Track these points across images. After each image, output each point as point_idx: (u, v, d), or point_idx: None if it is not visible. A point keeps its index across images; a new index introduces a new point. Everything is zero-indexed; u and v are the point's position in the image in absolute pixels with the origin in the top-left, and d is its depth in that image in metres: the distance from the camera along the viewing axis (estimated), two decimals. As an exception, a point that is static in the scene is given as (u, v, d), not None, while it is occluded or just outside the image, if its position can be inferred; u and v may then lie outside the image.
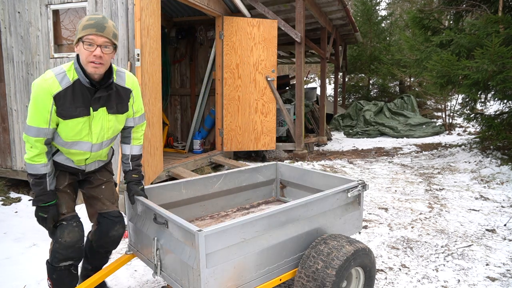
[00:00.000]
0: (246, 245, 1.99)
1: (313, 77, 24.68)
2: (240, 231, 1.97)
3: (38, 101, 2.00)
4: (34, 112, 2.02)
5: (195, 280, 1.86)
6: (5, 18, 4.79)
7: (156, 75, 4.50)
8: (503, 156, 6.24)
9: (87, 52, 2.01)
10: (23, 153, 4.97)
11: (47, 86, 2.00)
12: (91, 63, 2.02)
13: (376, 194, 4.97)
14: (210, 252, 1.85)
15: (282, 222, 2.17)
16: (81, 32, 2.01)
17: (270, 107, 6.66)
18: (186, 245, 1.93)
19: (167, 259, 2.09)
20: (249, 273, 2.02)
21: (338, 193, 2.49)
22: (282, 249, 2.16)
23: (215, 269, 1.87)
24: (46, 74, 2.05)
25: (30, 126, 2.03)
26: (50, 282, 2.25)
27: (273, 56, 6.57)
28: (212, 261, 1.86)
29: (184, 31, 7.46)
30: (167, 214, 2.04)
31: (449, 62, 6.16)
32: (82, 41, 2.00)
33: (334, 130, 11.67)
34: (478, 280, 2.79)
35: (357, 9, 15.93)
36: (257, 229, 2.05)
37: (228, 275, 1.92)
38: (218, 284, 1.89)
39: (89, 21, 2.01)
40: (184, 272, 1.94)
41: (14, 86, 4.88)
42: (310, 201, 2.29)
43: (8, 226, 3.92)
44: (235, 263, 1.95)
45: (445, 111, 11.20)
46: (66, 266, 2.20)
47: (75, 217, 2.24)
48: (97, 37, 2.00)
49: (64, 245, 2.15)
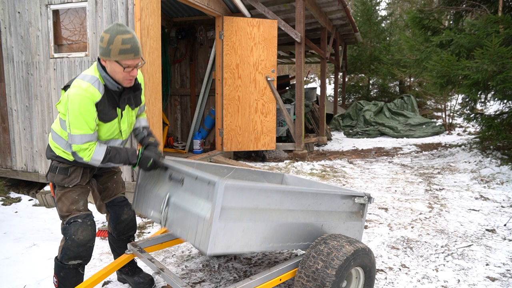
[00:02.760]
0: (257, 213, 2.02)
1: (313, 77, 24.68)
2: (256, 197, 2.00)
3: (83, 111, 2.07)
4: (83, 122, 2.08)
5: (204, 232, 1.86)
6: (5, 18, 4.79)
7: (156, 75, 4.50)
8: (503, 156, 6.24)
9: (124, 74, 2.13)
10: (23, 153, 4.97)
11: (89, 95, 2.08)
12: (127, 80, 2.17)
13: (376, 194, 4.97)
14: (225, 206, 1.86)
15: (293, 205, 2.20)
16: (117, 56, 2.07)
17: (270, 107, 6.66)
18: (200, 199, 1.96)
19: (175, 214, 2.11)
20: (254, 242, 2.03)
21: (345, 197, 2.54)
22: (288, 231, 2.19)
23: (226, 224, 1.87)
24: (82, 83, 2.10)
25: (81, 135, 2.09)
26: (56, 279, 2.28)
27: (273, 56, 6.57)
28: (225, 216, 1.87)
29: (184, 31, 7.46)
30: (186, 168, 2.10)
31: (449, 62, 6.16)
32: (118, 63, 2.09)
33: (334, 130, 11.67)
34: (478, 280, 2.79)
35: (357, 9, 15.93)
36: (270, 201, 2.08)
37: (236, 236, 1.93)
38: (225, 241, 1.89)
39: (125, 45, 2.06)
40: (192, 225, 1.95)
41: (14, 86, 4.88)
42: (320, 192, 2.34)
43: (8, 226, 3.92)
44: (245, 226, 1.96)
45: (445, 111, 11.20)
46: (75, 265, 2.25)
47: (89, 216, 2.31)
48: (134, 60, 2.12)
49: (77, 243, 2.20)
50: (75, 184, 2.29)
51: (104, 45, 2.08)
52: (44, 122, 4.76)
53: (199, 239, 1.89)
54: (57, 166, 2.29)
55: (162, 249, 3.16)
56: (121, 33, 2.07)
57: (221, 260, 3.13)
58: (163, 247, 2.65)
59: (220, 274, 2.90)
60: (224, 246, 1.89)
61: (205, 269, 2.98)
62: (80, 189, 2.32)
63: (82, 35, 4.49)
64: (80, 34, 4.51)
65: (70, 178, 2.28)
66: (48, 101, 4.70)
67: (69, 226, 2.23)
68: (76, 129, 2.08)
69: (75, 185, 2.29)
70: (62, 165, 2.28)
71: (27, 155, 4.96)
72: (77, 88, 2.08)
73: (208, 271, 2.95)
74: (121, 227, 2.56)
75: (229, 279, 2.83)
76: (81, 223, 2.23)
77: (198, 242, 1.90)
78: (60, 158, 2.28)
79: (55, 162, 2.31)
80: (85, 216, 2.28)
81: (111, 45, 2.06)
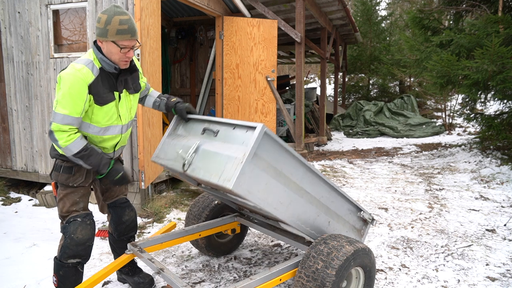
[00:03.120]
0: (280, 177, 2.10)
1: (313, 77, 24.67)
2: (283, 160, 2.10)
3: (73, 91, 2.05)
4: (70, 102, 2.06)
5: (232, 169, 1.91)
6: (5, 18, 4.79)
7: (156, 75, 4.50)
8: (503, 156, 6.24)
9: (120, 55, 2.14)
10: (23, 153, 4.97)
11: (82, 76, 2.07)
12: (123, 61, 2.18)
13: (376, 194, 4.97)
14: (258, 153, 1.95)
15: (310, 188, 2.28)
16: (114, 36, 2.08)
17: (270, 107, 6.66)
18: (234, 145, 2.04)
19: (201, 159, 2.16)
20: (271, 201, 2.08)
21: (352, 206, 2.60)
22: (300, 209, 2.25)
23: (253, 169, 1.95)
24: (76, 65, 2.10)
25: (64, 115, 2.06)
26: (55, 278, 2.28)
27: (273, 56, 6.57)
28: (255, 161, 1.95)
29: (184, 31, 7.46)
30: (226, 120, 2.22)
31: (449, 62, 6.16)
32: (114, 43, 2.10)
33: (334, 130, 11.67)
34: (478, 280, 2.79)
35: (357, 9, 15.92)
36: (293, 172, 2.16)
37: (258, 186, 1.99)
38: (248, 185, 1.94)
39: (122, 25, 2.08)
40: (220, 166, 2.00)
41: (14, 86, 4.88)
42: (334, 188, 2.43)
43: (8, 226, 3.92)
44: (268, 181, 2.03)
45: (445, 111, 11.20)
46: (74, 263, 2.25)
47: (89, 215, 2.33)
48: (131, 41, 2.13)
49: (76, 242, 2.21)
50: (79, 183, 2.29)
51: (101, 25, 2.08)
52: (44, 122, 4.76)
53: (225, 177, 1.93)
54: (61, 165, 2.27)
55: (162, 249, 3.16)
56: (119, 14, 2.08)
57: (221, 260, 3.13)
58: (163, 247, 2.65)
59: (220, 274, 2.90)
60: (246, 189, 1.94)
61: (205, 269, 2.98)
62: (82, 190, 2.32)
63: (82, 35, 4.49)
64: (80, 34, 4.51)
65: (74, 177, 2.28)
66: (48, 101, 4.70)
67: (68, 225, 2.23)
68: (62, 107, 2.05)
69: (79, 184, 2.29)
70: (66, 163, 2.27)
71: (27, 155, 4.96)
72: (71, 68, 2.08)
73: (208, 271, 2.95)
74: (122, 228, 2.57)
75: (229, 279, 2.83)
76: (80, 222, 2.23)
77: (222, 180, 1.93)
78: (64, 156, 2.27)
79: (59, 161, 2.29)
80: (85, 216, 2.28)
81: (109, 26, 2.06)
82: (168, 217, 4.17)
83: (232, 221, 2.99)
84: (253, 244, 3.46)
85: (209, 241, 3.03)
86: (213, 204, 3.02)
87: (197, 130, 2.37)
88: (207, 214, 2.97)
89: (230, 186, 1.87)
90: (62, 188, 2.29)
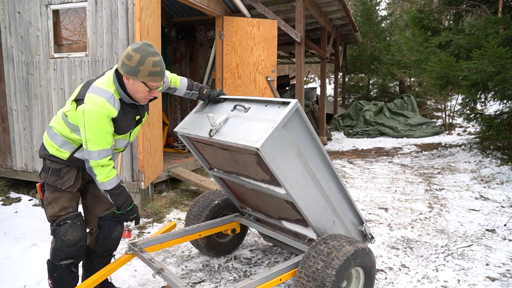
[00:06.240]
0: (301, 156, 2.19)
1: (313, 77, 24.66)
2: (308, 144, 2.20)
3: (101, 128, 2.07)
4: (101, 138, 2.08)
5: (263, 132, 2.01)
6: (5, 18, 4.78)
7: (156, 75, 4.50)
8: (503, 156, 6.24)
9: (146, 94, 2.14)
10: (23, 153, 4.97)
11: (106, 112, 2.07)
12: (146, 99, 2.19)
13: (376, 194, 4.97)
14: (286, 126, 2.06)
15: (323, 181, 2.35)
16: (145, 77, 2.07)
17: (270, 107, 6.64)
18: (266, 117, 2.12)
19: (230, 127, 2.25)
20: (289, 176, 2.15)
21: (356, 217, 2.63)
22: (312, 197, 2.31)
23: (279, 139, 2.04)
24: (97, 99, 2.06)
25: (99, 151, 2.09)
26: (50, 281, 2.26)
27: (273, 56, 6.56)
28: (283, 131, 2.05)
29: (184, 31, 7.46)
30: (258, 98, 2.31)
31: (448, 63, 6.16)
32: (144, 83, 2.09)
33: (334, 130, 11.67)
34: (478, 280, 2.79)
35: (357, 9, 15.92)
36: (311, 158, 2.25)
37: (281, 156, 2.08)
38: (274, 150, 2.03)
39: (155, 67, 2.06)
40: (249, 132, 2.10)
41: (14, 86, 4.88)
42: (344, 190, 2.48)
43: (8, 226, 3.92)
44: (289, 154, 2.13)
45: (445, 111, 11.20)
46: (67, 264, 2.23)
47: (79, 216, 2.29)
48: (160, 83, 2.15)
49: (67, 243, 2.18)
50: (68, 186, 2.24)
51: (133, 64, 2.03)
52: (44, 122, 4.76)
53: (254, 138, 2.02)
54: (50, 167, 2.23)
55: (162, 249, 3.16)
56: (152, 55, 2.05)
57: (221, 260, 3.13)
58: (163, 247, 2.65)
59: (220, 274, 2.90)
60: (271, 154, 2.02)
61: (205, 269, 2.98)
62: (70, 195, 2.27)
63: (82, 35, 4.49)
64: (80, 34, 4.51)
65: (63, 180, 2.23)
66: (48, 101, 4.70)
67: (59, 227, 2.20)
68: (94, 145, 2.06)
69: (67, 188, 2.24)
70: (55, 165, 2.23)
71: (27, 155, 4.96)
72: (93, 104, 2.04)
73: (208, 271, 2.95)
74: (109, 244, 2.46)
75: (229, 279, 2.83)
76: (70, 224, 2.20)
77: (250, 142, 2.02)
78: (53, 157, 2.23)
79: (48, 162, 2.25)
80: (74, 217, 2.25)
81: (141, 66, 2.03)
82: (168, 217, 4.17)
83: (232, 221, 2.99)
84: (253, 244, 3.46)
85: (209, 241, 3.03)
86: (213, 204, 3.02)
87: (227, 108, 2.45)
88: (207, 214, 2.97)
89: (258, 145, 1.95)
90: (50, 191, 2.25)
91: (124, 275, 2.88)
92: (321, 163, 2.31)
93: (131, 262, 2.96)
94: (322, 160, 2.31)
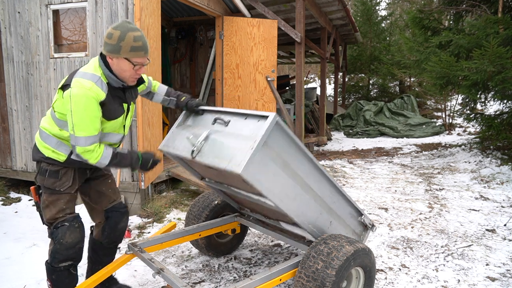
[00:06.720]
0: (287, 169, 2.13)
1: (313, 77, 24.66)
2: (292, 153, 2.12)
3: (89, 112, 2.02)
4: (88, 123, 2.03)
5: (243, 155, 1.93)
6: (5, 18, 4.79)
7: (156, 75, 4.50)
8: (503, 156, 6.24)
9: (132, 72, 2.11)
10: (23, 153, 4.97)
11: (94, 94, 2.03)
12: (133, 78, 2.17)
13: (376, 194, 4.97)
14: (267, 142, 1.98)
15: (315, 185, 2.30)
16: (128, 53, 2.05)
17: (270, 107, 6.65)
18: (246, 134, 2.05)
19: (211, 146, 2.18)
20: (277, 192, 2.11)
21: (354, 210, 2.60)
22: (304, 204, 2.27)
23: (262, 158, 1.97)
24: (84, 82, 2.03)
25: (86, 137, 2.03)
26: (49, 283, 2.25)
27: (273, 56, 6.56)
28: (264, 150, 1.98)
29: (184, 31, 7.46)
30: (237, 110, 2.23)
31: (448, 63, 6.16)
32: (128, 60, 2.06)
33: (334, 130, 11.67)
34: (478, 280, 2.79)
35: (357, 9, 15.92)
36: (300, 166, 2.17)
37: (266, 175, 2.01)
38: (256, 172, 1.95)
39: (136, 42, 2.05)
40: (229, 153, 2.03)
41: (14, 86, 4.88)
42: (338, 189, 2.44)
43: (8, 226, 3.92)
44: (276, 172, 2.06)
45: (445, 111, 11.20)
46: (66, 266, 2.21)
47: (77, 218, 2.26)
48: (144, 59, 2.12)
49: (65, 246, 2.16)
50: (66, 187, 2.21)
51: (114, 41, 2.03)
52: (44, 122, 4.76)
53: (235, 162, 1.94)
54: (46, 169, 2.19)
55: (162, 249, 3.16)
56: (132, 30, 2.05)
57: (221, 260, 3.13)
58: (163, 247, 2.65)
59: (220, 274, 2.91)
60: (255, 176, 1.96)
61: (205, 269, 2.98)
62: (68, 197, 2.24)
63: (82, 35, 4.49)
64: (80, 34, 4.51)
65: (61, 182, 2.20)
66: (48, 101, 4.69)
67: (56, 230, 2.18)
68: (81, 131, 2.01)
69: (65, 189, 2.21)
70: (52, 167, 2.19)
71: (27, 155, 4.95)
72: (80, 88, 2.00)
73: (208, 271, 2.95)
74: (116, 235, 2.48)
75: (229, 279, 2.83)
76: (68, 226, 2.18)
77: (232, 165, 1.94)
78: (49, 159, 2.19)
79: (44, 164, 2.20)
80: (72, 219, 2.22)
81: (122, 42, 2.02)
82: (168, 217, 4.17)
83: (232, 221, 2.99)
84: (253, 244, 3.46)
85: (209, 241, 3.03)
86: (213, 204, 3.02)
87: (207, 121, 2.39)
88: (207, 214, 2.97)
89: (239, 171, 1.88)
90: (48, 194, 2.21)
91: (124, 275, 2.88)
92: (310, 168, 2.25)
93: (131, 262, 2.96)
94: (310, 164, 2.25)
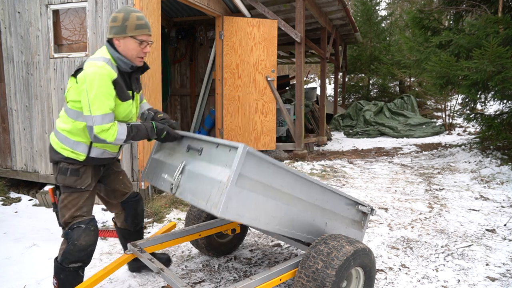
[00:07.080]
0: (270, 191, 2.06)
1: (313, 77, 24.67)
2: (271, 174, 2.05)
3: (104, 89, 2.08)
4: (104, 100, 2.08)
5: (219, 195, 1.85)
6: (5, 18, 4.79)
7: (156, 75, 4.50)
8: (503, 156, 6.24)
9: (138, 49, 2.20)
10: (23, 153, 4.97)
11: (108, 72, 2.10)
12: (140, 58, 2.25)
13: (376, 194, 4.97)
14: (243, 173, 1.89)
15: (303, 194, 2.25)
16: (133, 31, 2.16)
17: (270, 107, 6.66)
18: (218, 166, 1.98)
19: (188, 182, 2.12)
20: (263, 219, 2.05)
21: (349, 202, 2.59)
22: (295, 218, 2.22)
23: (240, 191, 1.90)
24: (97, 62, 2.12)
25: (103, 115, 2.07)
26: (56, 281, 2.28)
27: (273, 56, 6.57)
28: (241, 182, 1.89)
29: (184, 31, 7.46)
30: (209, 138, 2.15)
31: (448, 63, 6.16)
32: (134, 38, 2.16)
33: (334, 130, 11.67)
34: (478, 280, 2.79)
35: (357, 9, 15.92)
36: (283, 183, 2.11)
37: (247, 207, 1.95)
38: (237, 208, 1.90)
39: (139, 20, 2.16)
40: (206, 191, 1.95)
41: (14, 86, 4.88)
42: (328, 189, 2.40)
43: (8, 226, 3.92)
44: (257, 200, 1.99)
45: (445, 111, 11.20)
46: (75, 267, 2.25)
47: (93, 220, 2.32)
48: (148, 36, 2.22)
49: (79, 248, 2.21)
50: (87, 185, 2.29)
51: (119, 23, 2.15)
52: (44, 122, 4.76)
53: (212, 202, 1.88)
54: (67, 168, 2.24)
55: (162, 249, 3.16)
56: (134, 11, 2.19)
57: (221, 260, 3.13)
58: (163, 247, 2.65)
59: (220, 274, 2.91)
60: (236, 213, 1.90)
61: (205, 269, 2.98)
62: (87, 194, 2.32)
63: (82, 35, 4.49)
64: (80, 34, 4.51)
65: (81, 180, 2.27)
66: (48, 101, 4.70)
67: (72, 231, 2.22)
68: (98, 109, 2.06)
69: (86, 186, 2.29)
70: (73, 166, 2.25)
71: (27, 155, 4.96)
72: (94, 67, 2.09)
73: (208, 271, 2.95)
74: (139, 218, 2.70)
75: (229, 279, 2.83)
76: (84, 229, 2.23)
77: (210, 206, 1.88)
78: (69, 159, 2.25)
79: (64, 164, 2.25)
80: (88, 221, 2.27)
81: (127, 22, 2.14)
82: (168, 217, 4.17)
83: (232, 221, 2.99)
84: (253, 244, 3.46)
85: (209, 241, 3.03)
86: (213, 204, 3.01)
87: (182, 146, 2.34)
88: (207, 214, 2.97)
89: (218, 213, 1.83)
90: (68, 193, 2.26)
91: (124, 275, 2.88)
92: (293, 180, 2.18)
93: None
94: (292, 176, 2.17)
